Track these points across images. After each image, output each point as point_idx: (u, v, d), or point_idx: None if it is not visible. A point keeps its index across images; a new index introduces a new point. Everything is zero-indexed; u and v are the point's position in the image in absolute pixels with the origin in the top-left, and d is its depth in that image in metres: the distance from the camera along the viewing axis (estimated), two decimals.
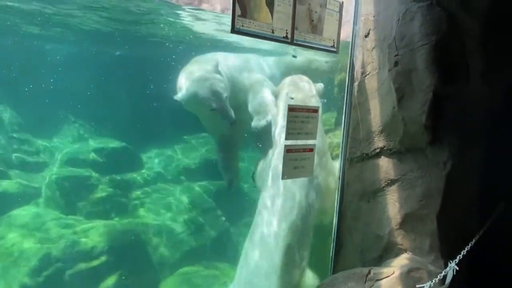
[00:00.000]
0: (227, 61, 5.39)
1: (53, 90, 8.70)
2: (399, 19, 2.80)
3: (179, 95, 4.81)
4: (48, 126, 8.65)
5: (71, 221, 6.39)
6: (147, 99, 8.63)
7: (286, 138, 3.09)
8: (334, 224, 3.74)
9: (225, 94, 4.84)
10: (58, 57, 9.71)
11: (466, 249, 2.85)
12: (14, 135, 8.06)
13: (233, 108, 4.94)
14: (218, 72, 4.93)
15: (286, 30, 2.88)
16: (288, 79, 4.61)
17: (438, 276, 2.68)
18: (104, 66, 9.35)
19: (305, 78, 4.54)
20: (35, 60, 9.06)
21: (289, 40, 2.93)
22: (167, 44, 8.84)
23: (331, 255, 3.76)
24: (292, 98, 3.78)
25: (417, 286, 2.69)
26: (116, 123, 8.61)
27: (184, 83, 4.83)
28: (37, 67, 8.88)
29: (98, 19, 7.40)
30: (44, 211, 6.64)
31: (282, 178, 3.19)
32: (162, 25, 7.63)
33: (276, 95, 4.58)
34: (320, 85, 4.23)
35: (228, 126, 4.93)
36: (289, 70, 5.61)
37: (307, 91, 4.30)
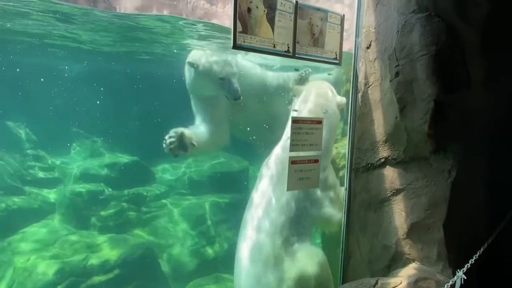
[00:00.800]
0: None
1: (66, 107, 8.91)
2: (398, 30, 2.84)
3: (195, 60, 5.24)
4: (61, 143, 8.84)
5: (84, 236, 6.49)
6: (157, 114, 8.77)
7: (291, 150, 3.13)
8: (342, 235, 3.74)
9: (235, 70, 5.15)
10: (70, 75, 9.96)
11: (474, 257, 2.83)
12: (29, 152, 8.26)
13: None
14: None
15: (288, 44, 2.94)
16: (313, 83, 4.53)
17: (446, 286, 2.66)
18: (115, 83, 9.55)
19: (328, 85, 4.47)
20: (49, 78, 9.31)
21: (291, 54, 2.98)
22: (175, 61, 9.01)
23: (340, 266, 3.76)
24: (295, 111, 3.82)
25: None
26: (127, 138, 8.76)
27: (202, 54, 5.30)
28: (50, 86, 9.12)
29: (108, 41, 7.60)
30: (58, 226, 6.77)
31: (287, 190, 3.22)
32: (171, 43, 7.79)
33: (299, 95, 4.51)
34: (343, 99, 4.14)
35: (232, 101, 5.12)
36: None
37: (329, 99, 4.17)
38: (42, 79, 9.03)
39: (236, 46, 2.65)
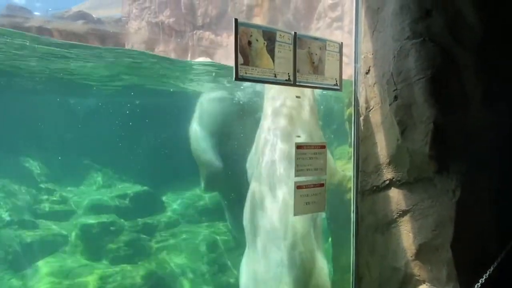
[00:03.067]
0: None
1: (77, 140, 9.12)
2: (395, 56, 2.93)
3: None
4: (73, 175, 9.00)
5: (97, 267, 6.53)
6: (166, 144, 8.92)
7: (296, 175, 3.18)
8: (351, 258, 3.74)
9: None
10: (80, 109, 10.22)
11: (484, 276, 2.82)
12: (42, 185, 8.41)
13: None
14: None
15: (288, 73, 3.04)
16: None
17: None
18: (124, 116, 9.78)
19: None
20: (59, 113, 9.56)
21: (292, 82, 3.08)
22: (182, 93, 9.23)
23: None
24: (299, 137, 3.89)
25: None
26: (137, 169, 8.89)
27: None
28: (61, 120, 9.36)
29: (117, 76, 7.83)
30: (71, 258, 6.84)
31: (294, 215, 3.26)
32: (177, 78, 8.00)
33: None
34: None
35: None
36: None
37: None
38: (52, 114, 9.27)
39: (238, 78, 2.75)
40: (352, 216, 3.68)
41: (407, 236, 3.14)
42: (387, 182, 3.25)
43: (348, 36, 5.71)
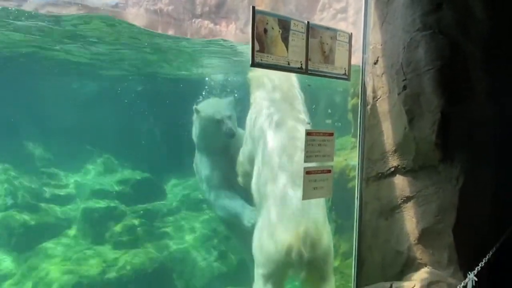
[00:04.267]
0: None
1: (79, 125, 9.15)
2: (404, 47, 3.03)
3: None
4: (75, 160, 9.04)
5: (99, 251, 6.63)
6: (168, 131, 8.98)
7: (305, 161, 3.28)
8: (354, 243, 3.86)
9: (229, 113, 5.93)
10: (83, 94, 10.23)
11: (484, 260, 2.96)
12: (44, 170, 8.46)
13: None
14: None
15: (301, 62, 3.13)
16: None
17: (458, 287, 2.79)
18: (127, 102, 9.81)
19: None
20: (62, 98, 9.57)
21: (304, 71, 3.17)
22: (186, 80, 9.28)
23: (353, 273, 3.87)
24: (309, 123, 3.99)
25: None
26: (139, 156, 8.96)
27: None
28: (64, 105, 9.37)
29: (120, 60, 7.85)
30: (74, 241, 6.92)
31: (303, 199, 3.37)
32: (180, 63, 8.04)
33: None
34: None
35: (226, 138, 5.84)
36: None
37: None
38: (55, 98, 9.29)
39: (254, 64, 2.84)
40: (356, 202, 3.80)
41: (410, 221, 3.27)
42: (392, 169, 3.37)
43: (353, 27, 5.79)
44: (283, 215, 3.57)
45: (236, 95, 6.95)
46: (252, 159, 4.35)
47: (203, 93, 7.97)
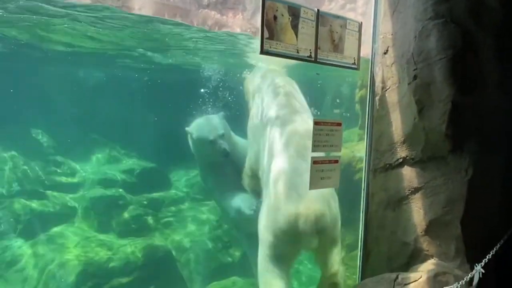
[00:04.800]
0: None
1: (86, 114, 9.17)
2: (416, 36, 2.99)
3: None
4: (81, 149, 9.07)
5: (105, 239, 6.67)
6: (174, 122, 8.97)
7: (313, 150, 3.27)
8: (360, 234, 3.86)
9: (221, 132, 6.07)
10: (89, 83, 10.25)
11: (491, 252, 2.94)
12: (50, 157, 8.50)
13: None
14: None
15: (310, 50, 3.11)
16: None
17: (465, 279, 2.78)
18: (134, 91, 9.82)
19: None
20: (69, 86, 9.59)
21: (313, 59, 3.15)
22: (193, 69, 9.25)
23: (358, 264, 3.87)
24: (318, 112, 3.97)
25: None
26: (145, 145, 8.98)
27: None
28: (70, 93, 9.39)
29: (127, 49, 7.83)
30: (79, 229, 6.97)
31: (310, 189, 3.36)
32: (187, 52, 8.01)
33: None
34: None
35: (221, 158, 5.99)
36: None
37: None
38: (62, 86, 9.31)
39: (263, 52, 2.82)
40: (363, 193, 3.79)
41: (417, 212, 3.25)
42: (401, 160, 3.35)
43: (362, 18, 5.73)
44: (288, 188, 3.55)
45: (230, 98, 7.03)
46: (258, 159, 4.37)
47: (210, 84, 7.97)
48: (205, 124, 6.22)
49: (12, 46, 7.72)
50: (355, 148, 5.35)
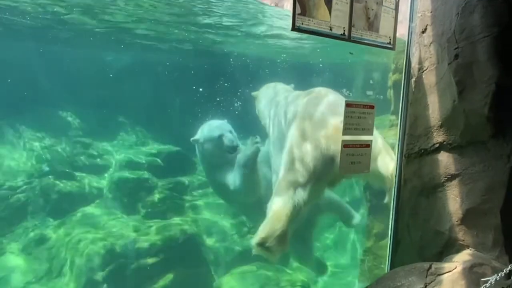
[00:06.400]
0: None
1: (113, 97, 9.25)
2: (458, 13, 2.81)
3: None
4: (108, 131, 9.19)
5: (131, 221, 6.75)
6: (199, 105, 8.96)
7: (343, 134, 3.15)
8: (390, 222, 3.73)
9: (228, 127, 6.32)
10: (117, 66, 10.32)
11: None
12: (78, 139, 8.64)
13: None
14: None
15: (344, 28, 2.97)
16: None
17: (504, 271, 2.63)
18: (159, 75, 9.84)
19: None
20: (97, 69, 9.69)
21: (347, 37, 3.01)
22: (219, 54, 9.19)
23: (388, 252, 3.75)
24: (349, 94, 3.84)
25: (481, 279, 2.65)
26: (170, 129, 9.01)
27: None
28: (98, 76, 9.49)
29: (155, 32, 7.80)
30: (106, 210, 7.07)
31: (340, 173, 3.25)
32: (214, 36, 7.93)
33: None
34: None
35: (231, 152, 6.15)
36: None
37: None
38: (90, 69, 9.41)
39: (295, 28, 2.70)
40: (395, 179, 3.65)
41: (454, 200, 3.10)
42: (437, 145, 3.19)
43: None
44: None
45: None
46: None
47: (236, 70, 7.90)
48: (211, 125, 6.43)
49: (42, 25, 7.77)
50: (386, 134, 5.18)
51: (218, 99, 6.74)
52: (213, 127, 6.25)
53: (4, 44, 8.96)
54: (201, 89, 8.70)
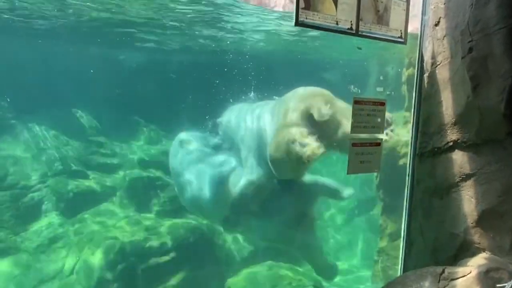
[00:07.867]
0: None
1: (127, 96, 9.29)
2: (472, 4, 2.66)
3: None
4: (121, 130, 9.24)
5: (143, 219, 6.75)
6: (212, 103, 8.91)
7: (352, 132, 3.03)
8: (403, 223, 3.60)
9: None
10: (131, 66, 10.36)
11: None
12: (92, 138, 8.70)
13: None
14: None
15: (351, 21, 2.84)
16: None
17: None
18: (173, 74, 9.83)
19: None
20: (110, 69, 9.74)
21: (354, 32, 2.88)
22: (232, 52, 9.14)
23: (401, 254, 3.62)
24: (359, 91, 3.72)
25: (497, 285, 2.51)
26: (183, 128, 8.98)
27: None
28: (112, 76, 9.53)
29: (167, 33, 7.76)
30: (119, 209, 7.10)
31: (348, 173, 3.13)
32: (225, 34, 7.86)
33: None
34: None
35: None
36: None
37: None
38: (104, 69, 9.46)
39: (298, 23, 2.59)
40: (407, 179, 3.51)
41: (469, 201, 2.95)
42: (451, 143, 3.04)
43: None
44: None
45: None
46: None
47: (249, 69, 7.82)
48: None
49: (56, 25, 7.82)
50: (400, 132, 5.03)
51: (231, 100, 6.68)
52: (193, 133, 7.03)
53: (19, 44, 9.07)
54: (211, 87, 8.67)
